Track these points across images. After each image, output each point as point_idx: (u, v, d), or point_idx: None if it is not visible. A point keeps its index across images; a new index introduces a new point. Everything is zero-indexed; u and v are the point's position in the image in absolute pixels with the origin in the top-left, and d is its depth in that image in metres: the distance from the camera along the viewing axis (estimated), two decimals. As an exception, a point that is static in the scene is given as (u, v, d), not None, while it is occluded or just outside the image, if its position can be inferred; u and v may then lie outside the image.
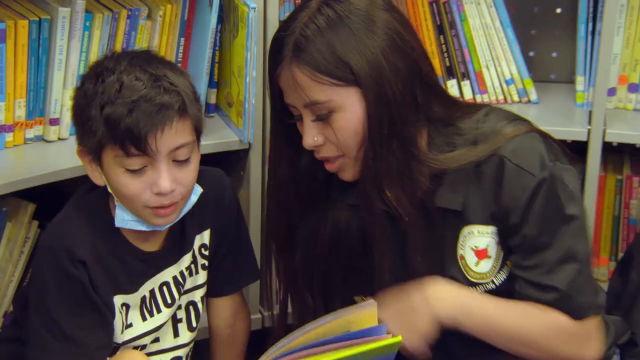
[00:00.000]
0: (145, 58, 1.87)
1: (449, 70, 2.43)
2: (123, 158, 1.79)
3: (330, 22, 1.76)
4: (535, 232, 1.82)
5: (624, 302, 2.23)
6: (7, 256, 2.16)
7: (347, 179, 1.85)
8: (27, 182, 2.08)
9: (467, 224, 1.86)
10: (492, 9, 2.39)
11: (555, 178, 1.81)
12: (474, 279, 1.89)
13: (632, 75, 2.42)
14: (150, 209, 1.83)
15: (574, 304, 1.84)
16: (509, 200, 1.81)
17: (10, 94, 2.14)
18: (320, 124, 1.80)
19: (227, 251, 2.06)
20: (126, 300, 1.91)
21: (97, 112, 1.77)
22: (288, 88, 1.81)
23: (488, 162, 1.81)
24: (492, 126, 1.85)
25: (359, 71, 1.75)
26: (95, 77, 1.80)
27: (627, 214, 2.50)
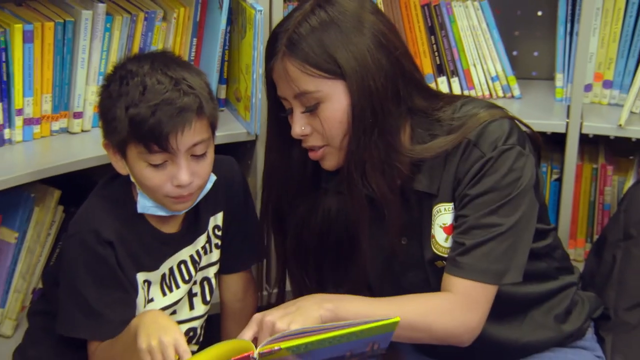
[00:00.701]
0: (165, 61, 1.87)
1: (440, 68, 2.43)
2: (146, 154, 1.80)
3: (321, 22, 1.77)
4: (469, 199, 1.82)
5: (598, 280, 2.27)
6: (35, 238, 2.18)
7: (329, 167, 1.86)
8: (53, 170, 2.08)
9: (437, 203, 1.87)
10: (478, 11, 2.39)
11: (502, 160, 1.81)
12: (445, 253, 1.88)
13: (607, 72, 2.42)
14: (171, 198, 1.85)
15: (467, 261, 1.81)
16: (460, 173, 1.83)
17: (37, 89, 2.14)
18: (308, 115, 1.81)
19: (237, 231, 2.06)
20: (148, 278, 1.92)
21: (122, 113, 1.78)
22: (280, 80, 1.82)
23: (458, 145, 1.82)
24: (466, 112, 1.85)
25: (345, 65, 1.76)
26: (120, 79, 1.81)
27: (602, 200, 2.50)
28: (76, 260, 1.86)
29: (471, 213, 1.81)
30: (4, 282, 2.16)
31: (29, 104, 2.15)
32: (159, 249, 1.94)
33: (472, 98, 1.94)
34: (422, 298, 1.85)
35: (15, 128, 2.15)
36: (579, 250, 2.52)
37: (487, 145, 1.80)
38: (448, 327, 1.83)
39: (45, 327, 2.00)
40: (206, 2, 2.27)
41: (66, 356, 1.97)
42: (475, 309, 1.83)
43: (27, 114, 2.16)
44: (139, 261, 1.90)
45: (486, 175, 1.80)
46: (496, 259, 1.82)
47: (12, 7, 2.15)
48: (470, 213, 1.81)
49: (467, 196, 1.82)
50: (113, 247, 1.86)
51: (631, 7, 2.35)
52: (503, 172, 1.80)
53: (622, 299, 2.20)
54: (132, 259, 1.89)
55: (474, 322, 1.84)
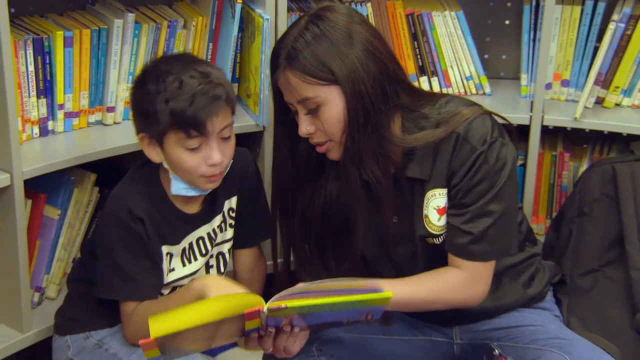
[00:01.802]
0: (191, 59, 1.90)
1: (422, 69, 2.43)
2: (185, 140, 1.82)
3: (314, 36, 1.77)
4: (465, 190, 1.83)
5: (557, 251, 2.31)
6: (75, 215, 2.19)
7: (334, 158, 1.85)
8: (89, 156, 2.10)
9: (430, 188, 1.86)
10: (455, 20, 2.40)
11: (490, 153, 1.81)
12: (437, 231, 1.89)
13: (564, 73, 2.43)
14: (205, 177, 1.86)
15: (477, 248, 1.84)
16: (455, 165, 1.83)
17: (76, 87, 2.16)
18: (311, 117, 1.80)
19: (249, 213, 2.07)
20: (170, 250, 1.94)
21: (162, 106, 1.80)
22: (284, 88, 1.81)
23: (448, 138, 1.82)
24: (451, 109, 1.85)
25: (338, 73, 1.75)
26: (156, 78, 1.82)
27: (560, 182, 2.52)
28: (112, 234, 1.88)
29: (472, 201, 1.82)
30: (48, 252, 2.16)
31: (69, 100, 2.16)
32: (181, 226, 1.95)
33: (454, 96, 1.93)
34: (436, 277, 1.87)
35: (57, 120, 2.16)
36: (540, 225, 2.54)
37: (477, 139, 1.81)
38: (460, 300, 1.88)
39: (83, 292, 2.02)
40: (221, 12, 2.28)
41: (99, 317, 1.98)
42: (482, 283, 1.88)
43: (67, 108, 2.17)
44: (163, 236, 1.92)
45: (480, 166, 1.81)
46: (498, 240, 1.85)
47: (55, 16, 2.17)
48: (471, 201, 1.82)
49: (466, 186, 1.82)
50: (143, 223, 1.87)
51: (585, 17, 2.37)
52: (493, 162, 1.81)
53: (577, 267, 2.24)
54: (158, 234, 1.90)
55: (481, 292, 1.89)
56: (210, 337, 1.73)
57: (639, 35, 2.34)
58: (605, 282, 2.22)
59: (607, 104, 2.41)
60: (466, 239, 1.84)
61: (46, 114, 2.15)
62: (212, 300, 1.72)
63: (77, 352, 1.97)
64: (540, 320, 1.99)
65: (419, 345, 2.04)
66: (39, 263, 2.16)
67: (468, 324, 2.02)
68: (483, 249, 1.85)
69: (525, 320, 1.99)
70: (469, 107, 1.86)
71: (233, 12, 2.22)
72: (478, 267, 1.86)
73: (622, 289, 2.19)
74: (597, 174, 2.30)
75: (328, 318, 1.76)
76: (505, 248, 1.89)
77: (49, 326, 2.10)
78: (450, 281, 1.87)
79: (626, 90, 2.40)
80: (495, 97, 2.46)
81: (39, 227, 2.13)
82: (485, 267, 1.87)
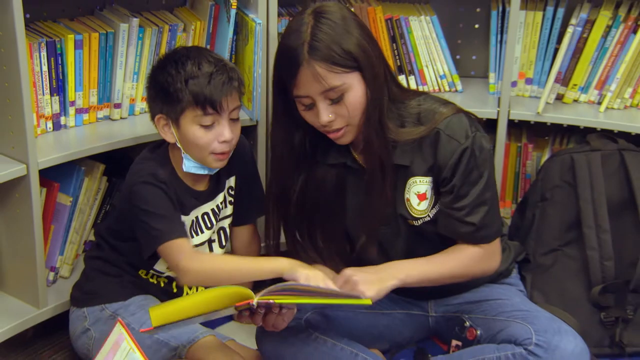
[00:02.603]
0: (205, 49, 1.98)
1: (400, 68, 2.42)
2: (201, 117, 1.85)
3: (330, 27, 1.74)
4: (459, 184, 1.84)
5: (521, 232, 2.33)
6: (86, 201, 2.20)
7: (345, 142, 1.84)
8: (98, 148, 2.10)
9: (412, 176, 1.87)
10: (429, 24, 2.38)
11: (475, 145, 1.82)
12: (417, 215, 1.90)
13: (528, 72, 2.42)
14: (215, 155, 1.89)
15: (483, 233, 1.88)
16: (441, 160, 1.83)
17: (86, 85, 2.15)
18: (332, 106, 1.78)
19: (245, 191, 2.08)
20: (184, 219, 1.94)
21: (182, 85, 1.83)
22: (307, 83, 1.76)
23: (431, 135, 1.83)
24: (430, 107, 1.85)
25: (359, 59, 1.75)
26: (175, 62, 1.86)
27: (524, 171, 2.52)
28: (145, 195, 1.88)
29: (467, 192, 1.83)
30: (62, 236, 2.16)
31: (80, 97, 2.16)
32: (189, 201, 1.96)
33: (430, 95, 1.92)
34: (459, 256, 1.89)
35: (69, 116, 2.16)
36: (507, 209, 2.54)
37: (460, 135, 1.82)
38: (480, 272, 1.94)
39: (99, 269, 2.03)
40: (217, 17, 2.27)
41: (114, 292, 2.00)
42: (495, 256, 1.94)
43: (78, 105, 2.16)
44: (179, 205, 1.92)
45: (470, 159, 1.82)
46: (495, 221, 1.90)
47: (66, 21, 2.17)
48: (467, 192, 1.83)
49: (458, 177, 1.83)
50: (166, 185, 1.89)
51: (546, 22, 2.36)
52: (478, 153, 1.83)
53: (539, 247, 2.26)
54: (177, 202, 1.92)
55: (496, 263, 1.95)
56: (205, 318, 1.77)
57: (594, 38, 2.34)
58: (564, 260, 2.24)
59: (566, 100, 2.41)
60: (470, 229, 1.86)
61: (59, 110, 2.14)
62: (207, 293, 1.72)
63: (93, 322, 1.98)
64: (506, 294, 2.00)
65: (398, 317, 2.06)
66: (53, 245, 2.16)
67: (441, 298, 2.03)
68: (487, 234, 1.89)
69: (493, 295, 1.99)
70: (445, 106, 1.87)
71: (228, 17, 2.21)
72: (490, 246, 1.91)
73: (579, 266, 2.22)
74: (557, 163, 2.30)
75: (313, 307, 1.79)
76: (501, 226, 1.94)
77: (63, 302, 2.11)
78: (471, 257, 1.90)
79: (583, 87, 2.40)
80: (466, 93, 2.45)
81: (53, 213, 2.14)
82: (494, 244, 1.92)
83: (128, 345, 1.61)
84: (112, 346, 1.66)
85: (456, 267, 1.90)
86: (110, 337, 1.68)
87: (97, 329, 1.97)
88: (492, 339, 1.91)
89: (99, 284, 2.03)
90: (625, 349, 2.15)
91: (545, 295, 2.19)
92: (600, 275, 2.19)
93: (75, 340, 2.03)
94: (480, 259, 1.92)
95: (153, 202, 1.88)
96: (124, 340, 1.63)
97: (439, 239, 1.92)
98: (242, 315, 1.78)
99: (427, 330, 2.09)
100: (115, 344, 1.65)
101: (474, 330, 1.95)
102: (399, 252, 1.94)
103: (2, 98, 1.95)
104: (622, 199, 2.25)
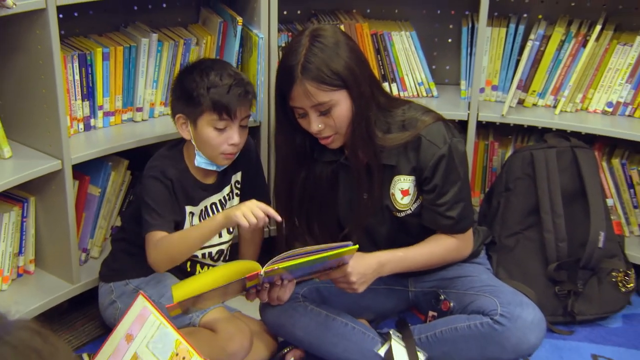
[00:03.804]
0: (227, 63, 1.97)
1: (384, 77, 2.41)
2: (216, 121, 1.86)
3: (321, 50, 1.73)
4: (441, 184, 1.84)
5: (488, 218, 2.34)
6: (112, 192, 2.20)
7: (335, 147, 1.84)
8: (123, 146, 2.11)
9: (397, 174, 1.87)
10: (409, 39, 2.38)
11: (452, 149, 1.82)
12: (400, 208, 1.89)
13: (494, 80, 2.42)
14: (223, 154, 1.90)
15: (461, 225, 1.89)
16: (423, 162, 1.83)
17: (112, 92, 2.16)
18: (320, 117, 1.78)
19: (250, 185, 2.07)
20: (192, 210, 1.96)
21: (204, 92, 1.84)
22: (300, 97, 1.75)
23: (415, 140, 1.83)
24: (413, 115, 1.85)
25: (346, 78, 1.74)
26: (200, 71, 1.87)
27: (491, 165, 2.52)
28: (149, 188, 1.90)
29: (448, 190, 1.83)
30: (92, 222, 2.17)
31: (107, 102, 2.16)
32: (199, 193, 1.96)
33: (414, 104, 1.89)
34: (441, 245, 1.90)
35: (97, 118, 2.16)
36: (476, 198, 2.52)
37: (439, 141, 1.81)
38: (458, 257, 1.96)
39: (123, 249, 2.05)
40: (225, 32, 2.26)
41: (137, 269, 1.99)
42: (468, 243, 1.96)
43: (105, 108, 2.16)
44: (187, 198, 1.94)
45: (447, 162, 1.82)
46: (469, 214, 1.91)
47: (95, 37, 2.17)
48: (447, 190, 1.83)
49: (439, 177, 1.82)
50: (172, 183, 1.90)
51: (509, 37, 2.36)
52: (455, 156, 1.83)
53: (504, 230, 2.27)
54: (183, 196, 1.93)
55: (469, 249, 1.97)
56: (220, 295, 1.77)
57: (550, 51, 2.34)
58: (525, 242, 2.25)
59: (527, 104, 2.41)
60: (450, 222, 1.87)
61: (89, 113, 2.15)
62: (220, 269, 1.72)
63: (118, 295, 2.00)
64: (475, 272, 2.00)
65: (382, 292, 2.06)
66: (84, 230, 2.17)
67: (420, 276, 2.03)
68: (464, 225, 1.90)
69: (464, 272, 2.00)
70: (427, 114, 1.86)
71: (235, 32, 2.21)
72: (465, 235, 1.93)
73: (537, 247, 2.23)
74: (519, 159, 2.30)
75: (310, 269, 1.77)
76: (473, 217, 1.96)
77: (93, 279, 2.11)
78: (449, 247, 1.92)
79: (541, 93, 2.40)
80: (441, 98, 2.45)
81: (84, 202, 2.14)
82: (469, 233, 1.94)
83: (157, 319, 1.56)
84: (137, 318, 1.61)
85: (438, 254, 1.92)
86: (133, 309, 1.63)
87: (122, 301, 1.97)
88: (464, 310, 1.91)
89: (124, 262, 2.04)
90: (576, 317, 2.18)
91: (509, 272, 2.21)
92: (555, 255, 2.20)
93: (104, 311, 2.04)
94: (457, 248, 1.93)
95: (152, 196, 1.89)
96: (151, 314, 1.57)
97: (418, 228, 1.92)
98: (251, 293, 1.79)
99: (407, 303, 2.10)
100: (140, 316, 1.60)
101: (448, 303, 1.96)
102: (382, 238, 1.94)
103: (40, 103, 1.95)
104: (574, 189, 2.25)
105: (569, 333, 2.17)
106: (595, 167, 2.29)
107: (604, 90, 2.35)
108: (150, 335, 1.55)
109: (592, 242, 2.19)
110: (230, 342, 1.86)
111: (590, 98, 2.37)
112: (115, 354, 1.56)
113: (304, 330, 1.94)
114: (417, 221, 1.91)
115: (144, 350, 1.54)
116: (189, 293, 1.64)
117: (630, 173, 2.36)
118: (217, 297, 1.77)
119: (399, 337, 1.96)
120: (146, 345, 1.55)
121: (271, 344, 2.02)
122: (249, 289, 1.76)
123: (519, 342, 1.82)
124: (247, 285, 1.73)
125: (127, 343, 1.56)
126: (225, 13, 2.27)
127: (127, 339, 1.57)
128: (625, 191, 2.38)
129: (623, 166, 2.36)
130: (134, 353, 1.56)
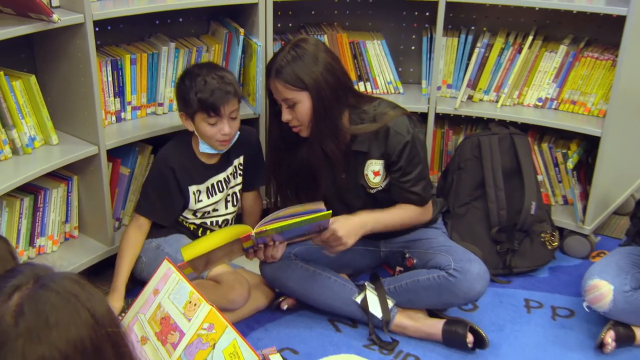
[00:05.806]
0: (213, 66, 1.92)
1: (360, 77, 2.41)
2: (206, 118, 1.85)
3: (293, 58, 1.73)
4: (405, 165, 1.84)
5: (444, 191, 2.34)
6: (139, 172, 2.18)
7: (304, 136, 1.83)
8: (148, 135, 2.09)
9: (370, 158, 1.87)
10: (380, 46, 2.38)
11: (414, 138, 1.82)
12: (372, 185, 1.90)
13: (448, 79, 2.41)
14: (219, 142, 1.89)
15: (424, 198, 1.90)
16: (390, 148, 1.83)
17: (139, 90, 2.15)
18: (290, 110, 1.77)
19: (251, 167, 2.07)
20: (198, 188, 1.95)
21: (193, 96, 1.83)
22: (273, 91, 1.78)
23: (381, 130, 1.83)
24: (382, 110, 1.84)
25: (308, 83, 1.73)
26: (190, 77, 1.86)
27: (446, 149, 2.51)
28: (152, 171, 1.91)
29: (412, 170, 1.83)
30: (123, 196, 2.16)
31: (134, 98, 2.15)
32: (205, 172, 1.96)
33: (383, 100, 1.88)
34: (408, 210, 1.88)
35: (127, 112, 2.15)
36: (434, 176, 2.51)
37: (404, 131, 1.81)
38: (421, 222, 1.95)
39: None
40: (230, 41, 2.25)
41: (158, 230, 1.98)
42: (428, 211, 1.95)
43: (133, 104, 2.15)
44: (192, 178, 1.93)
45: (412, 148, 1.82)
46: (429, 190, 1.91)
47: (125, 46, 2.16)
48: (411, 170, 1.83)
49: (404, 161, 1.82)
50: (173, 171, 1.88)
51: (460, 45, 2.37)
52: (417, 144, 1.82)
53: (457, 201, 2.28)
54: (188, 177, 1.92)
55: (429, 216, 1.96)
56: (224, 256, 1.76)
57: (493, 56, 2.35)
58: (473, 211, 2.26)
59: (475, 99, 2.40)
60: (415, 197, 1.87)
61: (119, 107, 2.14)
62: (220, 232, 1.71)
63: (144, 251, 1.97)
64: (434, 235, 2.01)
65: (359, 252, 2.05)
66: (117, 203, 2.16)
67: (389, 238, 2.03)
68: (426, 198, 1.90)
69: (424, 235, 2.00)
70: (393, 108, 1.86)
71: (238, 41, 2.20)
72: (427, 206, 1.93)
73: (483, 214, 2.24)
74: (469, 143, 2.30)
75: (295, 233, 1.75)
76: (432, 190, 1.96)
77: None
78: (415, 213, 1.90)
79: (486, 90, 2.39)
80: (406, 95, 2.45)
81: (117, 180, 2.13)
82: (429, 204, 1.94)
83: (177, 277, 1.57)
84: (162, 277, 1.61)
85: (406, 217, 1.91)
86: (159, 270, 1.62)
87: (147, 256, 1.96)
88: (424, 266, 1.93)
89: None
90: (513, 270, 2.20)
91: (460, 235, 2.22)
92: (497, 220, 2.22)
93: (133, 265, 2.01)
94: (420, 214, 1.94)
95: (151, 179, 1.90)
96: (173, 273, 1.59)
97: (387, 202, 1.91)
98: (249, 253, 1.79)
99: (379, 260, 2.10)
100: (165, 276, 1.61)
101: (412, 260, 1.97)
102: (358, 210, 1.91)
103: (81, 100, 1.95)
104: (512, 167, 2.26)
105: (507, 282, 2.19)
106: (529, 150, 2.29)
107: (535, 88, 2.36)
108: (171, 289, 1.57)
109: (526, 209, 2.20)
110: (231, 291, 1.85)
111: (525, 94, 2.38)
112: (145, 305, 1.59)
113: (296, 282, 1.94)
114: (386, 196, 1.91)
115: (166, 300, 1.57)
116: (195, 253, 1.65)
117: (556, 155, 2.37)
118: (222, 257, 1.76)
119: (373, 287, 1.96)
120: (168, 297, 1.57)
121: (269, 294, 2.03)
122: (248, 249, 1.75)
123: (468, 290, 1.83)
124: (244, 245, 1.72)
125: (154, 296, 1.58)
126: (230, 26, 2.26)
127: (154, 293, 1.59)
128: (552, 169, 2.39)
129: (550, 149, 2.37)
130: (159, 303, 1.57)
